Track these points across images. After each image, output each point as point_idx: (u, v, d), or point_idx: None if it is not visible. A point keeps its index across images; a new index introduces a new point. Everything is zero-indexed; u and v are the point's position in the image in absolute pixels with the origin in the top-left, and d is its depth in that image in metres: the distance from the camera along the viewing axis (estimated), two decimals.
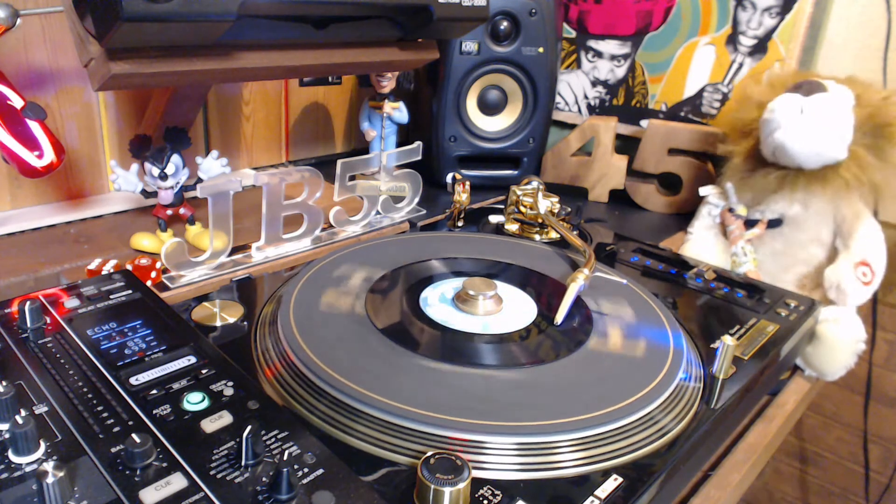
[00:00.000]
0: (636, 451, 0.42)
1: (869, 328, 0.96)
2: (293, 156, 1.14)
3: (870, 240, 0.72)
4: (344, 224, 0.74)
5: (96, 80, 0.55)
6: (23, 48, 0.77)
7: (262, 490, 0.33)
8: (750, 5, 0.95)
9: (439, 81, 0.98)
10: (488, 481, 0.38)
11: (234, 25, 0.55)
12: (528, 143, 1.04)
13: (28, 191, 0.82)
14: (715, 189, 0.84)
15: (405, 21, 0.72)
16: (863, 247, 0.72)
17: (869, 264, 0.71)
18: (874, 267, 0.71)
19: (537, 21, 0.96)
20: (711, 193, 0.83)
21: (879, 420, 1.07)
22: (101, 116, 0.86)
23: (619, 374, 0.49)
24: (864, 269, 0.70)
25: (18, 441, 0.34)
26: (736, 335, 0.59)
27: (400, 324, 0.54)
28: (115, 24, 0.48)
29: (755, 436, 0.59)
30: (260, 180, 0.62)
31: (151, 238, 0.75)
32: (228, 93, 1.00)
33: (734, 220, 0.80)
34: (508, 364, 0.49)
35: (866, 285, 0.70)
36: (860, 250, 0.72)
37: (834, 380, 0.70)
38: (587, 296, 0.60)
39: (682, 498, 0.50)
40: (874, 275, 0.71)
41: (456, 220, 0.82)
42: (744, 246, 0.78)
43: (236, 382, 0.41)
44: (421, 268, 0.65)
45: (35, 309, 0.46)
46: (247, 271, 0.64)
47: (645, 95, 1.09)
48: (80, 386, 0.40)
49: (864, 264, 0.71)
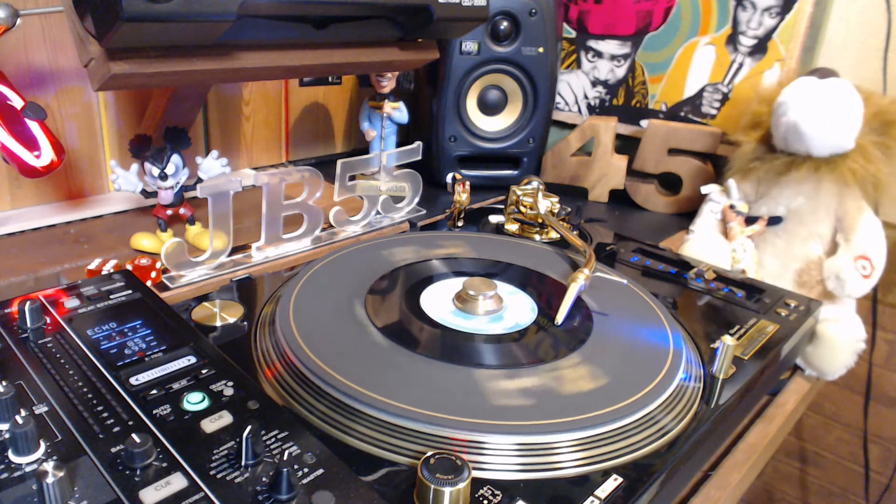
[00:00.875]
0: (636, 451, 0.42)
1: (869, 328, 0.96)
2: (293, 156, 1.14)
3: (870, 235, 0.73)
4: (344, 224, 0.74)
5: (96, 80, 0.55)
6: (23, 48, 0.77)
7: (262, 490, 0.33)
8: (750, 5, 0.95)
9: (439, 81, 0.98)
10: (488, 481, 0.38)
11: (234, 25, 0.55)
12: (528, 143, 1.04)
13: (28, 191, 0.82)
14: (716, 186, 0.84)
15: (405, 21, 0.72)
16: (863, 241, 0.72)
17: (869, 258, 0.71)
18: (874, 261, 0.71)
19: (537, 21, 0.96)
20: (713, 191, 0.83)
21: (879, 420, 1.07)
22: (101, 116, 0.86)
23: (618, 374, 0.49)
24: (864, 262, 0.71)
25: (18, 441, 0.34)
26: (736, 335, 0.59)
27: (400, 324, 0.54)
28: (115, 24, 0.48)
29: (755, 436, 0.59)
30: (260, 180, 0.62)
31: (151, 238, 0.75)
32: (228, 93, 1.00)
33: (735, 216, 0.80)
34: (508, 364, 0.49)
35: (866, 278, 0.71)
36: (861, 244, 0.72)
37: (834, 379, 0.70)
38: (587, 296, 0.60)
39: (682, 498, 0.50)
40: (874, 269, 0.71)
41: (456, 220, 0.82)
42: (744, 242, 0.78)
43: (236, 382, 0.41)
44: (421, 268, 0.65)
45: (35, 309, 0.46)
46: (247, 271, 0.64)
47: (645, 95, 1.09)
48: (80, 386, 0.40)
49: (864, 258, 0.71)
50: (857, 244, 0.72)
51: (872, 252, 0.72)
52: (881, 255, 0.72)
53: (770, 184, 0.78)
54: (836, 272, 0.71)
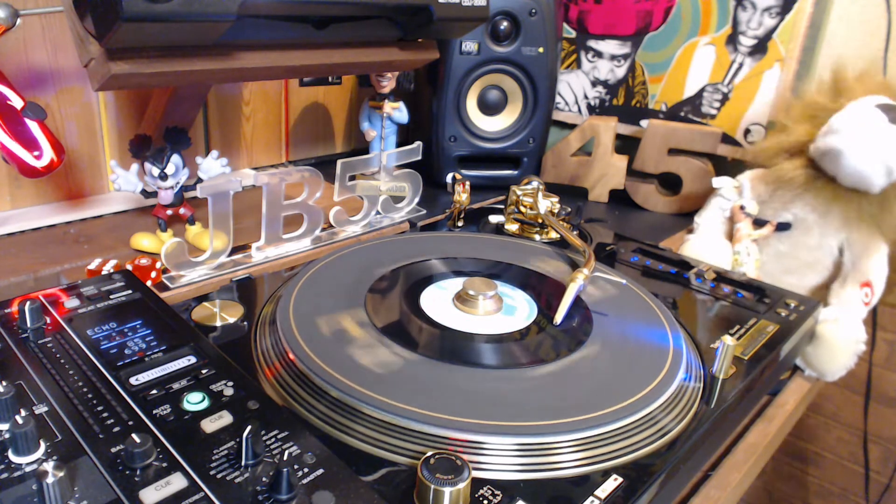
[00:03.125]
0: (636, 451, 0.42)
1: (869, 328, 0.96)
2: (293, 156, 1.14)
3: (878, 262, 0.73)
4: (344, 224, 0.74)
5: (96, 80, 0.55)
6: (23, 48, 0.77)
7: (262, 490, 0.33)
8: (750, 5, 0.95)
9: (439, 81, 0.98)
10: (488, 481, 0.38)
11: (234, 25, 0.55)
12: (528, 143, 1.04)
13: (28, 191, 0.82)
14: (729, 181, 0.82)
15: (405, 21, 0.72)
16: (870, 268, 0.72)
17: (871, 285, 0.71)
18: (875, 288, 0.72)
19: (537, 21, 0.96)
20: (725, 185, 0.81)
21: (879, 420, 1.07)
22: (101, 116, 0.86)
23: (619, 374, 0.49)
24: (867, 290, 0.71)
25: (18, 441, 0.34)
26: (736, 335, 0.59)
27: (400, 323, 0.54)
28: (115, 24, 0.48)
29: (755, 436, 0.59)
30: (260, 180, 0.62)
31: (151, 238, 0.75)
32: (228, 93, 1.00)
33: (744, 217, 0.78)
34: (508, 364, 0.49)
35: (866, 305, 0.71)
36: (866, 271, 0.72)
37: (834, 380, 0.70)
38: (587, 296, 0.60)
39: (682, 498, 0.50)
40: (874, 295, 0.71)
41: (456, 220, 0.82)
42: (748, 246, 0.77)
43: (236, 382, 0.41)
44: (421, 268, 0.65)
45: (35, 309, 0.46)
46: (247, 271, 0.64)
47: (645, 95, 1.09)
48: (80, 386, 0.40)
49: (868, 285, 0.71)
50: (863, 270, 0.72)
51: (876, 279, 0.72)
52: (882, 282, 0.73)
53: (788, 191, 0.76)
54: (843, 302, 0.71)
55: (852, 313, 0.69)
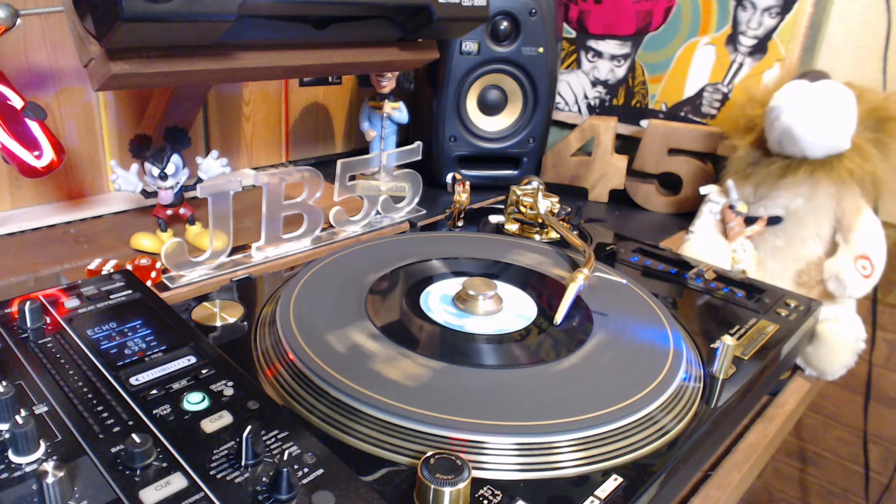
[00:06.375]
0: (636, 451, 0.42)
1: (869, 328, 0.96)
2: (293, 156, 1.14)
3: (870, 234, 0.73)
4: (344, 224, 0.74)
5: (96, 80, 0.55)
6: (23, 48, 0.77)
7: (262, 490, 0.33)
8: (750, 5, 0.95)
9: (439, 81, 0.98)
10: (488, 481, 0.38)
11: (234, 25, 0.55)
12: (528, 143, 1.04)
13: (28, 191, 0.82)
14: (715, 187, 0.84)
15: (405, 21, 0.72)
16: (863, 241, 0.72)
17: (869, 258, 0.71)
18: (874, 261, 0.71)
19: (537, 21, 0.96)
20: (712, 191, 0.83)
21: (879, 420, 1.07)
22: (101, 116, 0.86)
23: (619, 374, 0.49)
24: (864, 262, 0.71)
25: (18, 441, 0.34)
26: (736, 335, 0.59)
27: (400, 323, 0.54)
28: (116, 24, 0.48)
29: (755, 436, 0.59)
30: (260, 180, 0.62)
31: (151, 238, 0.75)
32: (228, 93, 1.00)
33: (734, 216, 0.79)
34: (508, 364, 0.49)
35: (866, 278, 0.70)
36: (860, 244, 0.72)
37: (834, 379, 0.70)
38: (587, 295, 0.60)
39: (682, 498, 0.50)
40: (874, 268, 0.71)
41: (456, 220, 0.82)
42: (743, 243, 0.78)
43: (236, 382, 0.41)
44: (421, 268, 0.65)
45: (35, 309, 0.46)
46: (247, 271, 0.64)
47: (645, 95, 1.09)
48: (80, 386, 0.40)
49: (864, 258, 0.71)
50: (856, 244, 0.72)
51: (872, 251, 0.72)
52: (881, 254, 0.72)
53: (768, 186, 0.78)
54: (837, 273, 0.71)
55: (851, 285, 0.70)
